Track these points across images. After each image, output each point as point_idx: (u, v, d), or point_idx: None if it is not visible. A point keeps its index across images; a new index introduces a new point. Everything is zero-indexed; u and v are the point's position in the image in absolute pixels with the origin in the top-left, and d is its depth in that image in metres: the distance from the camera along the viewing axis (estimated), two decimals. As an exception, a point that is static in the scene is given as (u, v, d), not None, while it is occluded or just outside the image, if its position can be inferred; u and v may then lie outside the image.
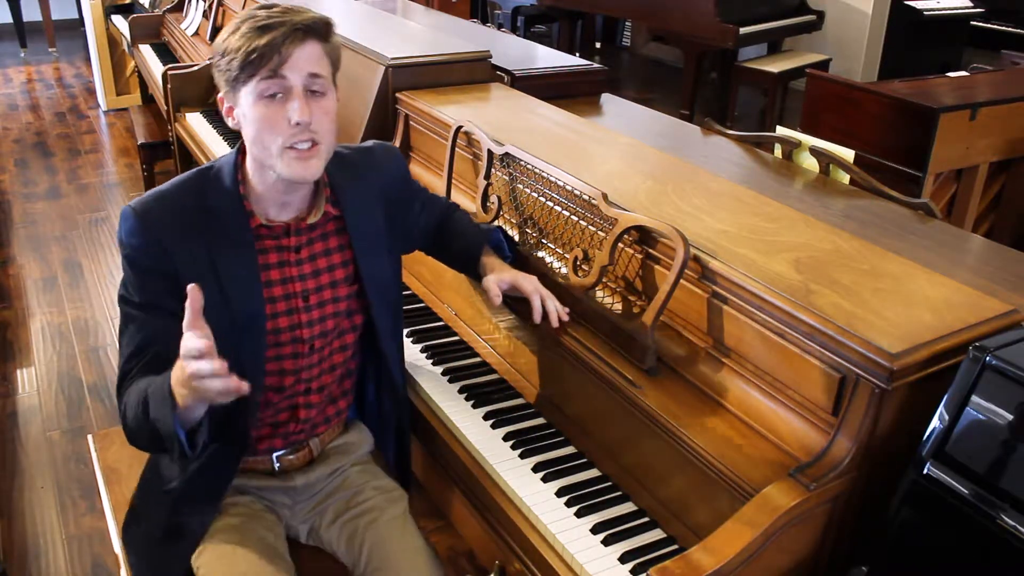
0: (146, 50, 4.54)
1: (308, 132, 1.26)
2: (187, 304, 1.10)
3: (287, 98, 1.25)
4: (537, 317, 1.49)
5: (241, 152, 1.36)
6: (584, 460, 1.47)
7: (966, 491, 1.04)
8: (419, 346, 1.78)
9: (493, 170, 1.79)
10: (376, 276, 1.47)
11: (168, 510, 1.38)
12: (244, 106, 1.27)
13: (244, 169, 1.35)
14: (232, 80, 1.26)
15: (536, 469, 1.44)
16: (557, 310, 1.49)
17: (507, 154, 1.74)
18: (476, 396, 1.62)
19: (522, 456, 1.47)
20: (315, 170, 1.30)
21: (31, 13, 7.38)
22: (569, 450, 1.49)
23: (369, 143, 1.58)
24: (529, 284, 1.51)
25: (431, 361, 1.74)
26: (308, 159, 1.28)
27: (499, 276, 1.53)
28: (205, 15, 4.01)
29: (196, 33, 4.10)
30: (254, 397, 1.36)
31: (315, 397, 1.46)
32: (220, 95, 1.31)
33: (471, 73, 2.39)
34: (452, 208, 1.72)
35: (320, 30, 1.28)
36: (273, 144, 1.26)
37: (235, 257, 1.32)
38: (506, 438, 1.51)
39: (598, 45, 8.16)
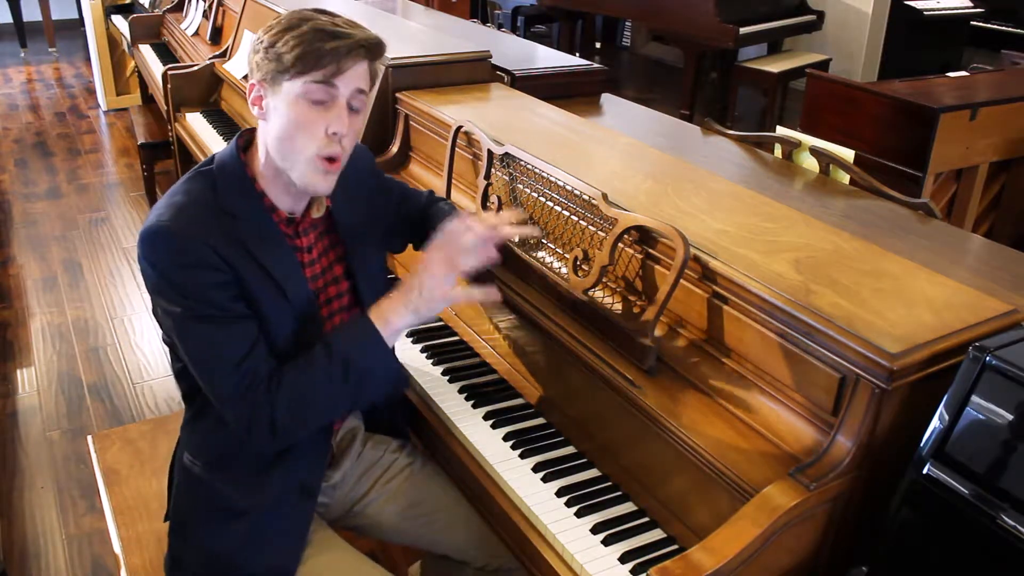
0: (146, 50, 4.54)
1: (338, 145, 1.27)
2: None
3: (329, 107, 1.25)
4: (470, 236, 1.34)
5: (240, 148, 1.35)
6: (584, 460, 1.47)
7: (966, 491, 1.04)
8: (419, 346, 1.78)
9: (493, 170, 1.79)
10: (367, 271, 1.50)
11: (242, 549, 1.35)
12: (281, 100, 1.26)
13: (253, 165, 1.34)
14: (278, 71, 1.24)
15: (536, 469, 1.44)
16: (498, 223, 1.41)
17: (507, 154, 1.74)
18: (476, 396, 1.62)
19: (522, 456, 1.47)
20: (331, 185, 1.31)
21: (31, 13, 7.39)
22: (569, 450, 1.49)
23: None
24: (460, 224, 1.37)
25: (431, 361, 1.74)
26: (328, 173, 1.29)
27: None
28: (205, 15, 4.01)
29: (196, 33, 4.10)
30: None
31: None
32: (253, 80, 1.29)
33: (471, 73, 2.39)
34: (435, 198, 1.73)
35: (376, 51, 1.29)
36: (304, 149, 1.26)
37: (272, 251, 1.31)
38: (506, 438, 1.51)
39: (598, 45, 8.16)
